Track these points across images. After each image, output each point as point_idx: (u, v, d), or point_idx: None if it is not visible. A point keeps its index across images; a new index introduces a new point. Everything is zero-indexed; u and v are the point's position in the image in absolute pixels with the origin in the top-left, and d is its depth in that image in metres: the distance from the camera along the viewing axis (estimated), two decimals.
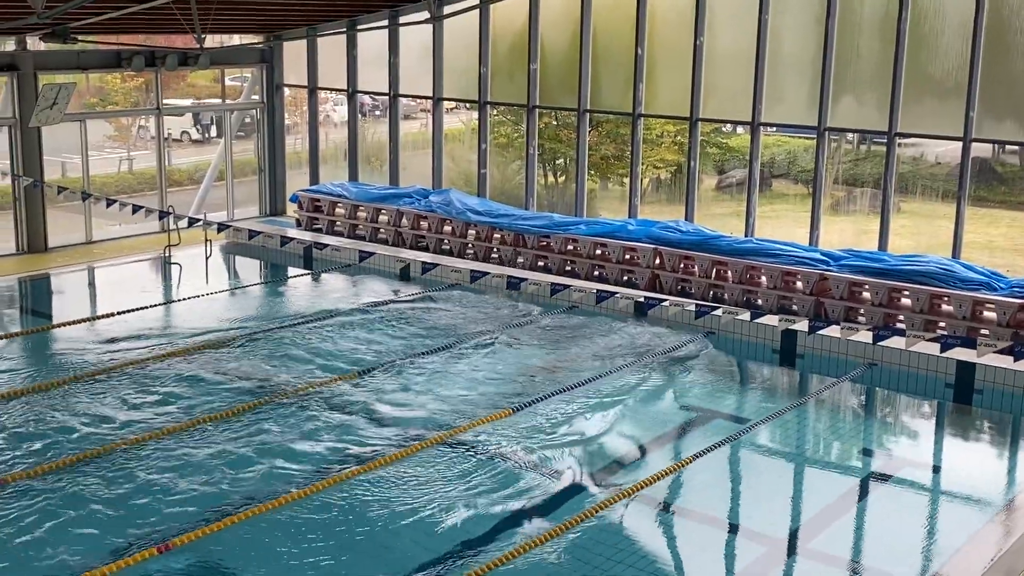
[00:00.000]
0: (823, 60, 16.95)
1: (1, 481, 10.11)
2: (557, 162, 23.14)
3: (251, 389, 12.90)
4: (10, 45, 19.80)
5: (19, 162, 19.71)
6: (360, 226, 21.54)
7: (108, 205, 18.72)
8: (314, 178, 24.02)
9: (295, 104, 25.34)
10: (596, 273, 18.55)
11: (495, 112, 21.98)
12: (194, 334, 15.08)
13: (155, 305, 16.78)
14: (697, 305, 13.86)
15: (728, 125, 20.80)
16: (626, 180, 19.99)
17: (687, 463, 11.12)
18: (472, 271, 15.99)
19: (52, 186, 19.70)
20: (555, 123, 22.44)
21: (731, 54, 18.21)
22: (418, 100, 23.64)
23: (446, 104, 22.25)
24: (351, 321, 16.02)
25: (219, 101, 24.71)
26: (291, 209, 23.31)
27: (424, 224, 20.68)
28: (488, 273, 16.10)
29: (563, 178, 22.79)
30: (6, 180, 19.82)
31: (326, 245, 19.77)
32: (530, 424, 12.00)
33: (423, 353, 14.38)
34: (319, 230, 21.94)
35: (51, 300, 18.27)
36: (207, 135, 30.58)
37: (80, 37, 19.01)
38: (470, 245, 19.99)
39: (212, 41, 22.47)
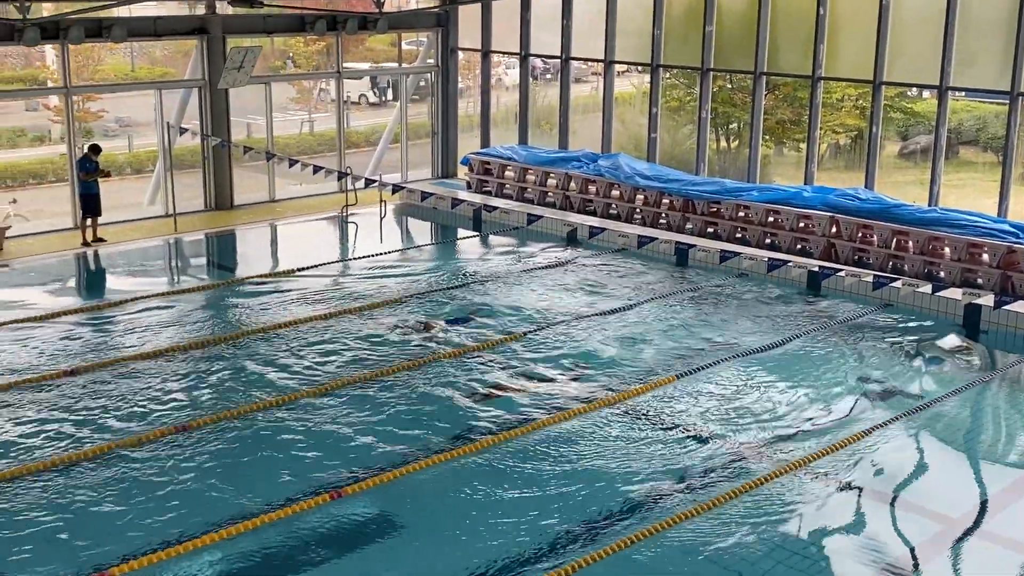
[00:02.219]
0: (1018, 21, 16.00)
1: (188, 427, 10.68)
2: (730, 126, 22.66)
3: (425, 345, 13.22)
4: (200, 10, 20.69)
5: (208, 123, 20.62)
6: (529, 189, 21.67)
7: (290, 165, 19.44)
8: (485, 141, 24.26)
9: (468, 68, 25.62)
10: (768, 241, 18.15)
11: (667, 75, 21.67)
12: (369, 291, 15.55)
13: (332, 262, 17.37)
14: (875, 276, 13.39)
15: (913, 89, 19.90)
16: (802, 145, 19.43)
17: (860, 437, 10.82)
18: (640, 236, 15.90)
19: (238, 146, 20.57)
20: (729, 86, 21.96)
21: (919, 14, 17.39)
22: (590, 63, 23.53)
23: (618, 67, 22.07)
24: (519, 282, 16.19)
25: (395, 65, 25.21)
26: (462, 172, 23.63)
27: (592, 188, 20.64)
28: (656, 239, 15.98)
29: (736, 143, 22.32)
30: (196, 140, 20.78)
31: (495, 208, 19.99)
32: (698, 390, 11.92)
33: (589, 315, 14.42)
34: (488, 193, 22.19)
35: (235, 255, 19.12)
36: (383, 98, 31.29)
37: (266, 1, 19.69)
38: (638, 210, 19.84)
39: (390, 5, 22.89)
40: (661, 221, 19.48)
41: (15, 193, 21.90)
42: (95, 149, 18.36)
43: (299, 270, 16.68)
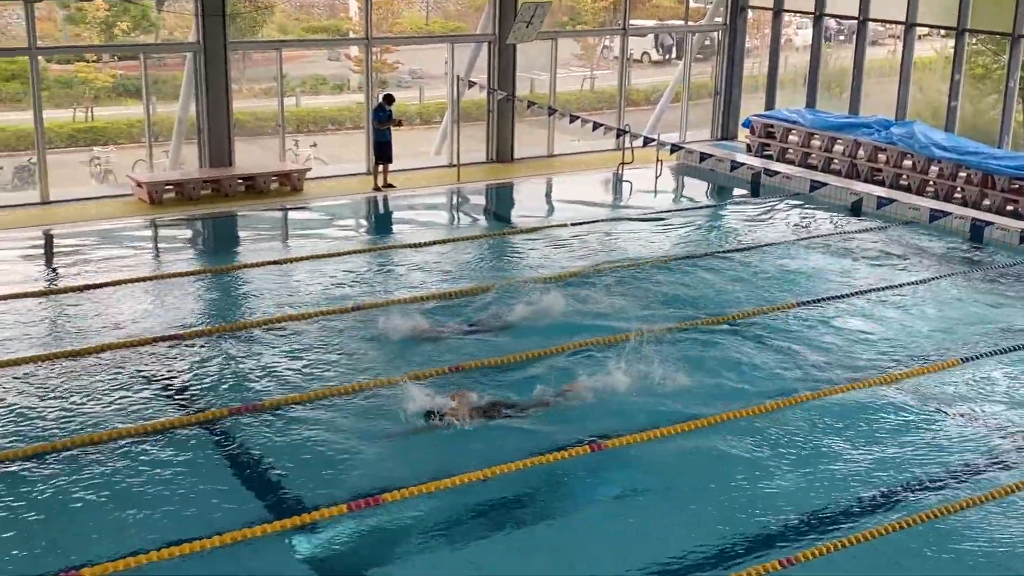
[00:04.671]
0: None
1: (458, 368, 11.06)
2: None
3: (690, 307, 13.10)
4: None
5: (495, 77, 21.15)
6: (813, 155, 20.90)
7: (571, 121, 19.66)
8: (769, 103, 23.57)
9: (756, 27, 24.92)
10: None
11: (974, 40, 20.20)
12: (639, 249, 15.55)
13: (604, 220, 17.48)
14: None
15: None
16: None
17: None
18: (932, 210, 15.05)
19: (522, 100, 21.00)
20: None
21: None
22: (888, 25, 22.31)
23: (919, 30, 20.79)
24: (795, 251, 15.71)
25: (682, 22, 24.88)
26: (743, 134, 23.10)
27: (882, 157, 19.64)
28: (950, 213, 15.06)
29: None
30: (482, 93, 21.37)
31: (776, 172, 19.43)
32: (975, 377, 11.20)
33: (863, 291, 13.80)
34: (769, 156, 21.58)
35: (512, 206, 19.60)
36: (667, 56, 30.98)
37: None
38: (931, 182, 18.72)
39: None
40: (956, 195, 18.29)
41: (315, 137, 23.35)
42: (389, 99, 19.25)
43: (572, 224, 16.92)
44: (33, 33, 16.99)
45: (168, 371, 10.86)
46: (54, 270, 14.62)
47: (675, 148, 19.08)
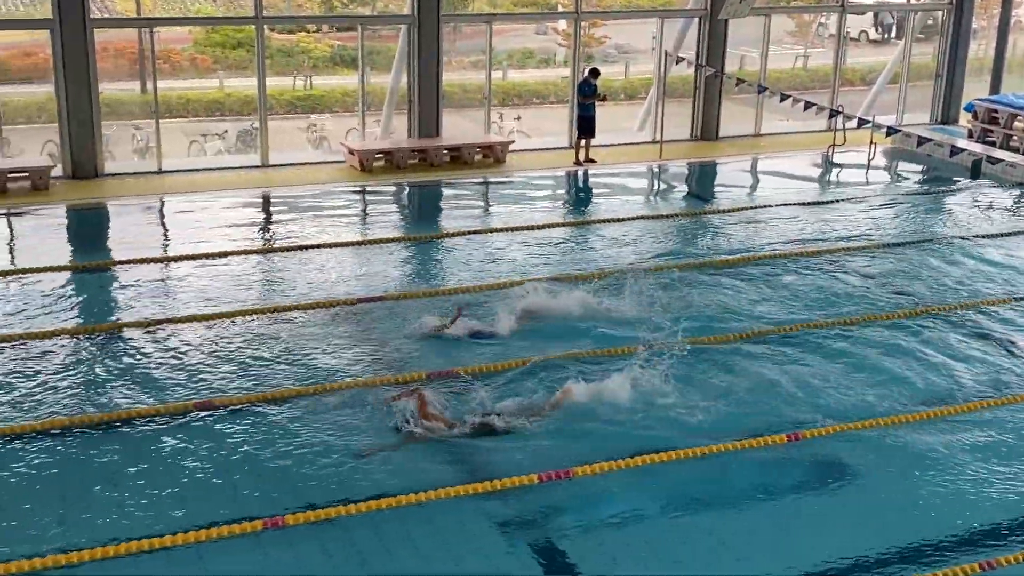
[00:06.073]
0: None
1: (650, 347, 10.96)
2: None
3: (893, 297, 12.58)
4: None
5: (704, 53, 20.79)
6: None
7: (781, 100, 19.13)
8: (995, 87, 22.30)
9: (984, 6, 23.56)
10: None
11: None
12: (841, 235, 15.02)
13: (812, 203, 16.95)
14: None
15: None
16: None
17: None
18: None
19: (731, 78, 20.57)
20: None
21: None
22: None
23: None
24: (1012, 244, 14.83)
25: (905, 0, 23.78)
26: (964, 119, 21.93)
27: None
28: None
29: None
30: (690, 70, 21.04)
31: (999, 160, 18.34)
32: None
33: None
34: (992, 143, 20.40)
35: (714, 185, 19.24)
36: (886, 35, 29.72)
37: None
38: None
39: None
40: None
41: (519, 111, 23.60)
42: (595, 73, 19.23)
43: (774, 205, 16.52)
44: (260, 3, 17.83)
45: (363, 332, 11.18)
46: (269, 230, 15.37)
47: (891, 131, 18.29)
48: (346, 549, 7.41)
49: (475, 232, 14.93)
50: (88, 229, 15.34)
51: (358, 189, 17.54)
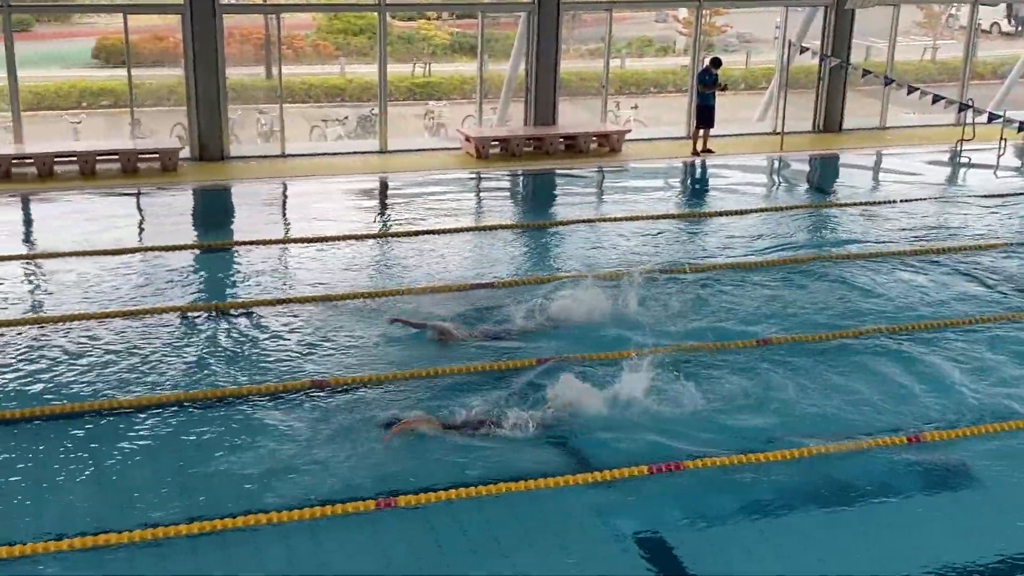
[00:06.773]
0: None
1: (764, 342, 10.77)
2: None
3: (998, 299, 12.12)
4: None
5: (829, 43, 20.30)
6: None
7: (908, 92, 18.60)
8: None
9: None
10: None
11: None
12: (970, 232, 14.51)
13: (937, 199, 16.42)
14: None
15: None
16: None
17: None
18: None
19: (857, 69, 20.05)
20: None
21: None
22: None
23: None
24: None
25: None
26: None
27: None
28: None
29: None
30: (814, 60, 20.57)
31: None
32: None
33: None
34: None
35: (836, 179, 18.77)
36: (1020, 28, 28.60)
37: None
38: None
39: None
40: None
41: (636, 99, 23.44)
42: (716, 62, 18.96)
43: (902, 200, 16.06)
44: None
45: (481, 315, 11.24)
46: (386, 214, 15.58)
47: (1023, 127, 17.59)
48: (454, 532, 7.47)
49: (585, 221, 14.85)
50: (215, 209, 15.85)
51: (473, 176, 17.66)
